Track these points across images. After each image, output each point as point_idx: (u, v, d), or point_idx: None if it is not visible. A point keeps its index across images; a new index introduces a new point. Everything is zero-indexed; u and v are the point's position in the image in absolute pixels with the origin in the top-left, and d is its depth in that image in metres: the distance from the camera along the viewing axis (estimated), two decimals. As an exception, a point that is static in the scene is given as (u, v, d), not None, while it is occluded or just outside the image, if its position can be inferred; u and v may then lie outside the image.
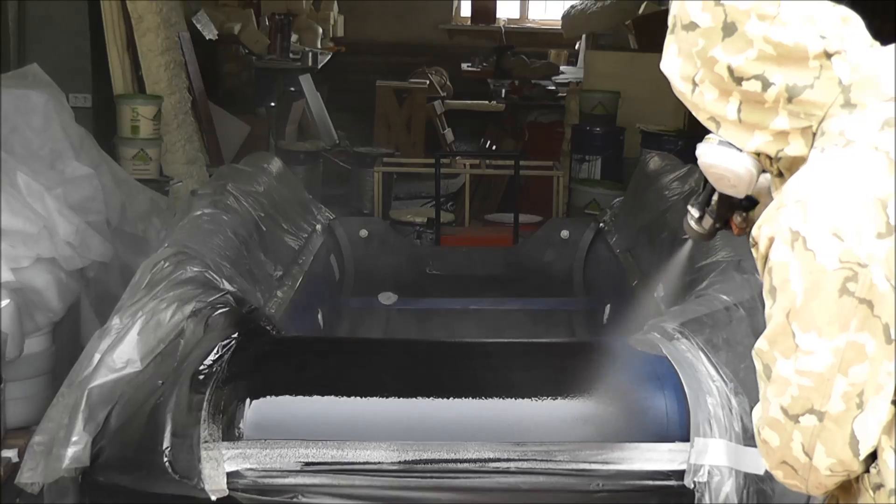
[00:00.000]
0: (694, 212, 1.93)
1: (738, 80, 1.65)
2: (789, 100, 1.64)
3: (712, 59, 1.66)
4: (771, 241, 1.61)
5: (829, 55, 1.63)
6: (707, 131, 1.77)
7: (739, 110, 1.67)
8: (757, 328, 2.59)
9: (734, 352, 2.65)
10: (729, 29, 1.64)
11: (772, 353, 1.61)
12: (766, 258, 1.62)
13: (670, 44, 1.72)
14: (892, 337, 1.54)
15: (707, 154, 1.78)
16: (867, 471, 1.63)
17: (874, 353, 1.55)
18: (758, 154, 1.71)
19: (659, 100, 7.56)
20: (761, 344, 1.64)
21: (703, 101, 1.70)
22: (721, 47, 1.65)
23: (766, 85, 1.64)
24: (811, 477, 1.63)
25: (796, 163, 1.66)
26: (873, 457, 1.61)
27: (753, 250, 1.66)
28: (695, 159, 1.85)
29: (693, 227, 1.96)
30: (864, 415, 1.56)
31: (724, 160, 1.75)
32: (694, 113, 1.74)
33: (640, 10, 8.84)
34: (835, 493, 1.71)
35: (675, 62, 1.72)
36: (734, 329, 2.74)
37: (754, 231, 1.65)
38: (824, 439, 1.59)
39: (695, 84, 1.69)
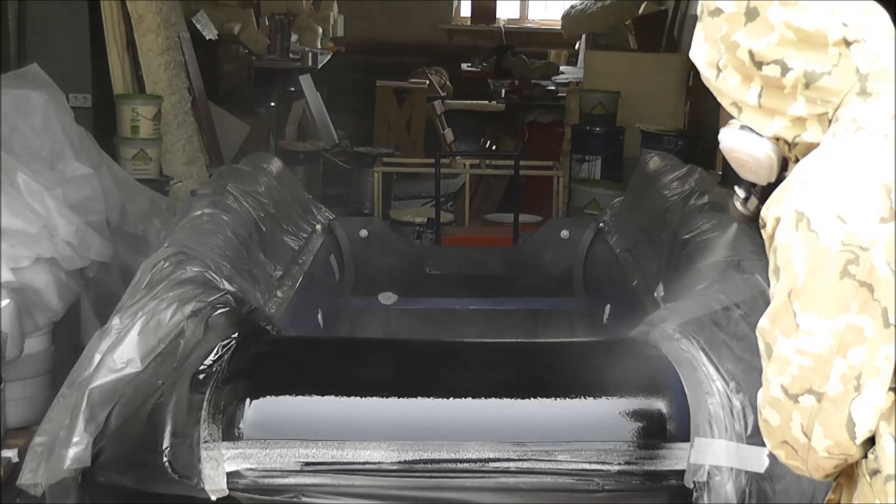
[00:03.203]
0: (740, 192, 1.93)
1: (759, 65, 1.68)
2: (807, 85, 1.66)
3: (735, 44, 1.70)
4: (777, 221, 1.63)
5: (848, 43, 1.66)
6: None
7: (760, 95, 1.70)
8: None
9: (734, 352, 2.65)
10: (751, 14, 1.68)
11: (773, 332, 1.63)
12: (772, 238, 1.64)
13: (698, 31, 1.77)
14: (891, 321, 1.56)
15: (728, 138, 1.80)
16: (865, 457, 1.64)
17: (873, 337, 1.56)
18: (777, 139, 1.73)
19: (659, 100, 7.59)
20: (763, 323, 1.66)
21: (726, 87, 1.73)
22: (743, 32, 1.69)
23: (785, 70, 1.67)
24: (810, 458, 1.64)
25: (812, 149, 1.68)
26: (872, 443, 1.62)
27: (762, 231, 1.68)
28: (694, 159, 1.87)
29: (738, 208, 1.95)
30: (862, 398, 1.58)
31: (743, 144, 1.77)
32: (718, 98, 1.78)
33: (640, 10, 8.85)
34: (841, 482, 1.73)
35: (702, 48, 1.76)
36: (734, 329, 2.74)
37: (763, 212, 1.68)
38: (822, 420, 1.60)
39: (719, 69, 1.73)
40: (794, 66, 1.66)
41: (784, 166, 1.76)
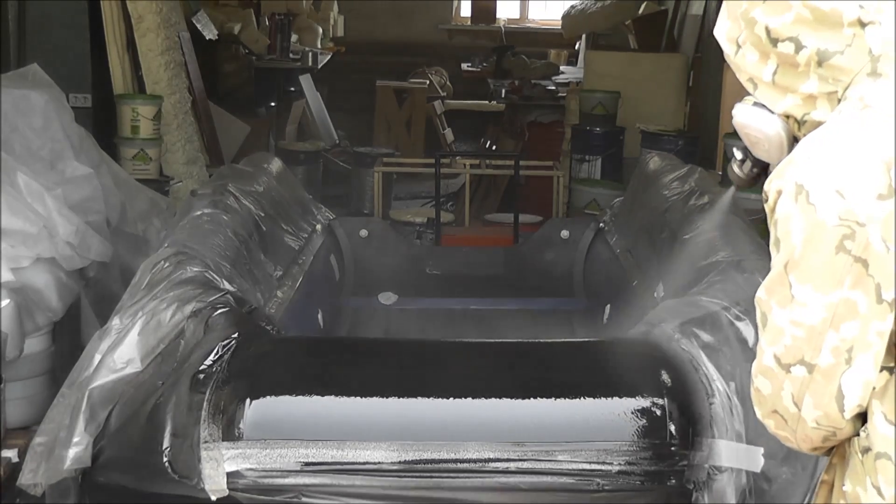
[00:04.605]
0: (738, 153, 1.96)
1: (774, 42, 1.70)
2: (819, 64, 1.68)
3: (753, 20, 1.72)
4: (779, 194, 1.65)
5: (863, 24, 1.67)
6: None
7: (775, 73, 1.72)
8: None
9: (734, 352, 2.65)
10: None
11: (769, 302, 1.65)
12: (773, 211, 1.66)
13: (722, 8, 1.80)
14: (884, 297, 1.57)
15: (740, 113, 1.83)
16: (857, 434, 1.65)
17: (866, 312, 1.58)
18: (787, 117, 1.75)
19: (659, 100, 7.59)
20: (760, 292, 1.68)
21: (744, 62, 1.76)
22: (761, 9, 1.71)
23: (799, 47, 1.68)
24: (799, 428, 1.66)
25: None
26: (864, 420, 1.64)
27: (765, 205, 1.70)
28: (694, 159, 1.88)
29: (735, 170, 1.99)
30: (852, 371, 1.60)
31: (754, 120, 1.79)
32: (736, 74, 1.80)
33: (640, 10, 8.85)
34: (834, 463, 1.75)
35: (724, 24, 1.79)
36: (734, 329, 2.74)
37: (766, 185, 1.70)
38: (813, 391, 1.62)
39: (738, 45, 1.76)
40: (807, 44, 1.67)
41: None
